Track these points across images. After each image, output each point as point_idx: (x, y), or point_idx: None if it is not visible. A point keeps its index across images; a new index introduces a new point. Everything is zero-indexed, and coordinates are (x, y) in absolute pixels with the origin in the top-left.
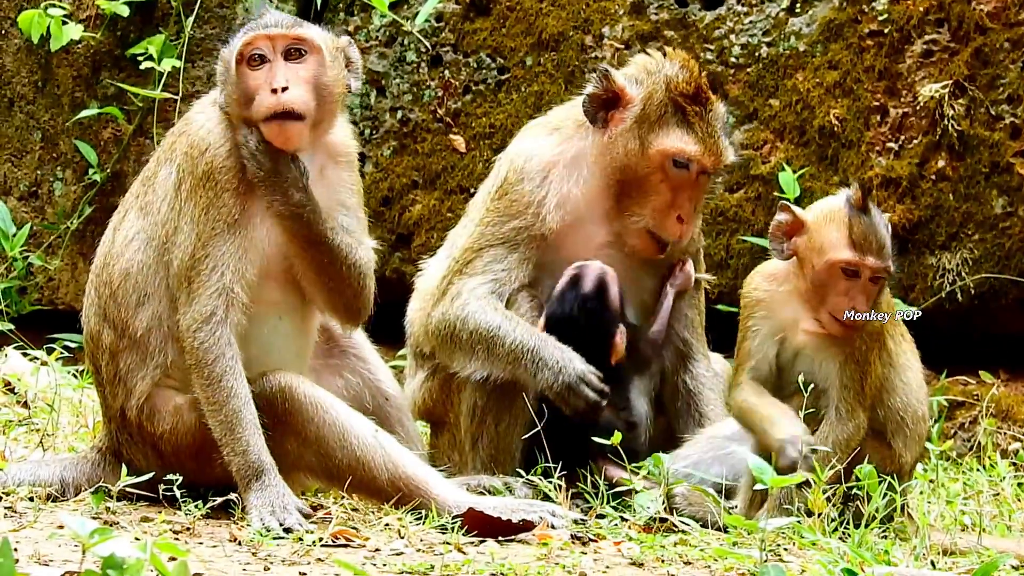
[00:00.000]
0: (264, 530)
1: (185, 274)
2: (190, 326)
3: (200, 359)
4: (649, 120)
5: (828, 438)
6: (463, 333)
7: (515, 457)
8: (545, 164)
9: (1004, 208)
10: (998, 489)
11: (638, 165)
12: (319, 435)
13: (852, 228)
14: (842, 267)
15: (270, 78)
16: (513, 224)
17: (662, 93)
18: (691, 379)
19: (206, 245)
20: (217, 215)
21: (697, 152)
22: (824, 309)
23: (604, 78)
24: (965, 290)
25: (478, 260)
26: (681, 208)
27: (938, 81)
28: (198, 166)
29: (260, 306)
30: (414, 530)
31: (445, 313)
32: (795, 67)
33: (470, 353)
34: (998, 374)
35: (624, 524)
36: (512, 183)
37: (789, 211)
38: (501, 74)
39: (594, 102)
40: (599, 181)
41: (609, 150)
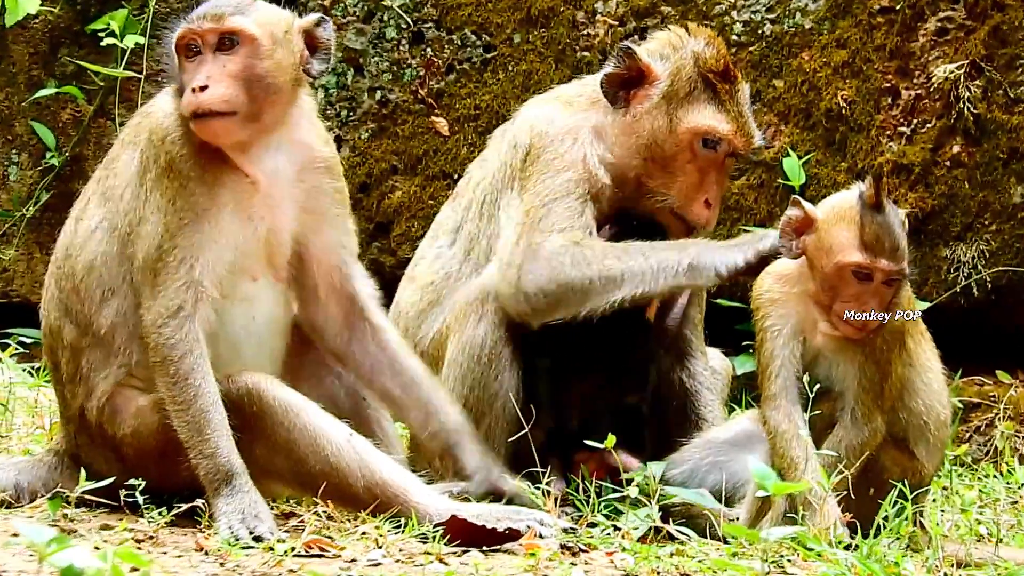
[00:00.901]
0: (233, 539)
1: (151, 266)
2: (155, 321)
3: (166, 356)
4: (678, 97)
5: (841, 443)
6: (587, 280)
7: (499, 461)
8: (569, 128)
9: (1023, 197)
10: (1016, 497)
11: (666, 143)
12: (289, 440)
13: (864, 228)
14: (852, 270)
15: (194, 75)
16: (568, 176)
17: (691, 68)
18: (688, 378)
19: (174, 236)
20: (185, 205)
21: (729, 131)
22: (834, 311)
23: (627, 56)
24: (981, 284)
25: (551, 215)
26: (708, 191)
27: (953, 61)
28: (160, 155)
29: (232, 303)
30: (392, 539)
31: (549, 271)
32: (801, 45)
33: (605, 293)
34: (1016, 374)
35: (617, 533)
36: (542, 147)
37: (800, 206)
38: (487, 52)
39: (613, 81)
40: (621, 162)
41: (633, 129)
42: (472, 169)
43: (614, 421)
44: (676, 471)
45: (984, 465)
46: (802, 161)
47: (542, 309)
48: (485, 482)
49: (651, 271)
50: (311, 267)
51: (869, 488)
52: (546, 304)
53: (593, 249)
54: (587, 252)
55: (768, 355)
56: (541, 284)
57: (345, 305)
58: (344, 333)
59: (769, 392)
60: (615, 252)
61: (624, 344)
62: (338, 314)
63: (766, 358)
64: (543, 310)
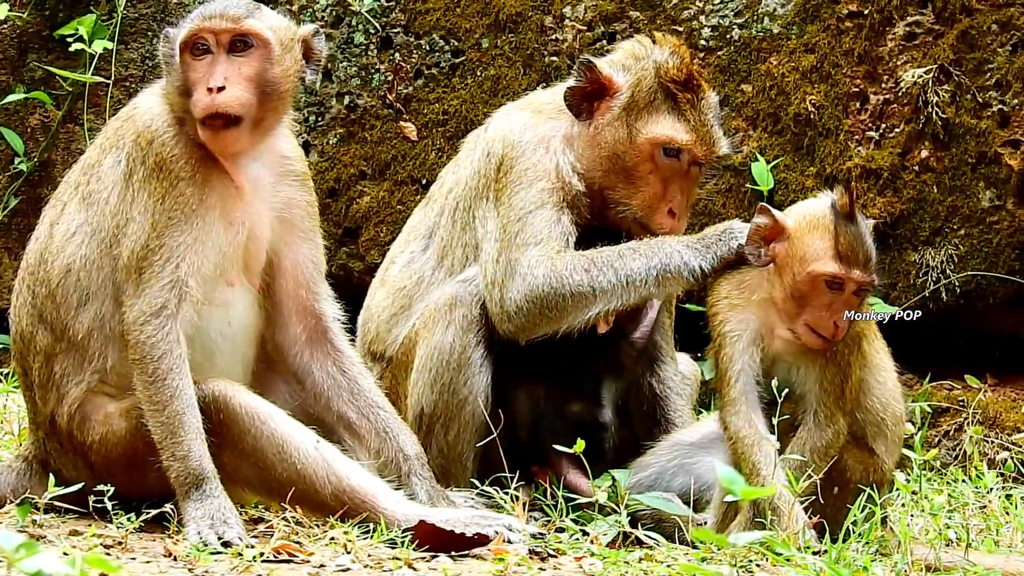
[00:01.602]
0: (201, 544)
1: (136, 265)
2: (138, 318)
3: (146, 354)
4: (638, 107)
5: (805, 445)
6: (561, 297)
7: (467, 467)
8: (541, 137)
9: (991, 201)
10: (985, 501)
11: (627, 154)
12: (256, 447)
13: (838, 238)
14: (826, 280)
15: (209, 74)
16: (541, 185)
17: (651, 79)
18: (658, 383)
19: (161, 235)
20: (174, 205)
21: (689, 140)
22: (801, 320)
23: (588, 69)
24: (950, 288)
25: (527, 228)
26: (672, 201)
27: (921, 66)
28: (148, 156)
29: (209, 308)
30: (361, 544)
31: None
32: (769, 50)
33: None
34: (985, 378)
35: (586, 538)
36: (514, 157)
37: (768, 214)
38: (455, 57)
39: (577, 94)
40: (588, 173)
41: (596, 141)
42: (445, 174)
43: (566, 432)
44: (643, 474)
45: (953, 469)
46: (770, 166)
47: (524, 326)
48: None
49: (621, 285)
50: (281, 280)
51: (834, 488)
52: (527, 322)
53: (565, 263)
54: (559, 267)
55: (727, 360)
56: (519, 302)
57: (310, 325)
58: (305, 352)
59: (729, 397)
60: (584, 266)
61: (571, 355)
62: (301, 333)
63: (725, 363)
64: (525, 327)
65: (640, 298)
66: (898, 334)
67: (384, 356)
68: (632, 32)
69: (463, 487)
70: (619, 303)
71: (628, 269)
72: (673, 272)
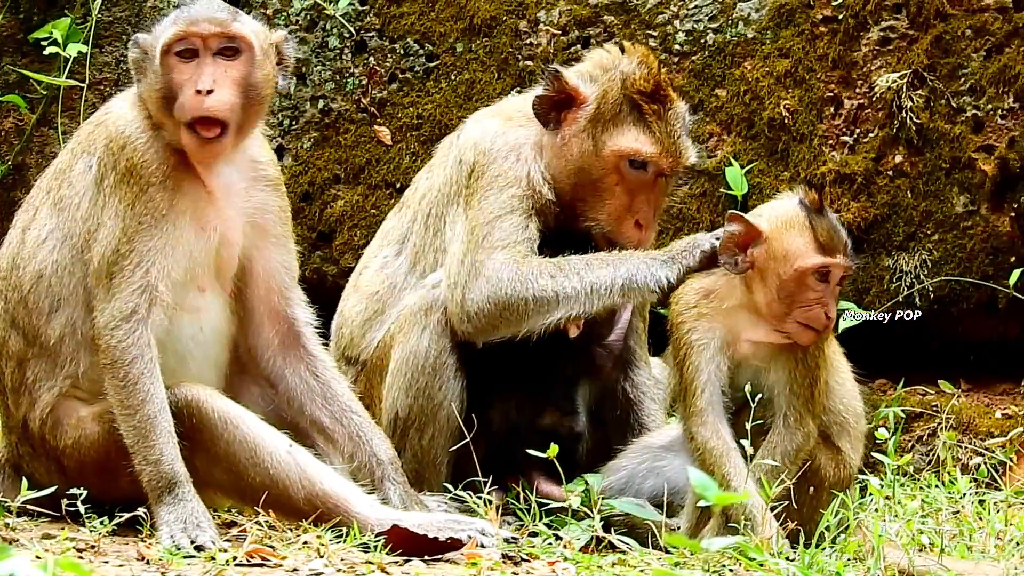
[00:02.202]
0: (174, 548)
1: (107, 269)
2: (108, 323)
3: (117, 359)
4: (603, 119)
5: (777, 448)
6: (523, 300)
7: (441, 472)
8: (512, 145)
9: (965, 206)
10: (958, 507)
11: (592, 167)
12: (229, 452)
13: (816, 231)
14: (813, 272)
15: (197, 76)
16: (511, 192)
17: (617, 91)
18: (632, 387)
19: (131, 240)
20: (144, 210)
21: (653, 152)
22: (791, 319)
23: (555, 78)
24: (924, 294)
25: (495, 232)
26: (639, 212)
27: (896, 71)
28: (120, 161)
29: (181, 313)
30: (334, 548)
31: (489, 290)
32: (743, 55)
33: (541, 314)
34: (958, 384)
35: (559, 543)
36: (485, 164)
37: (742, 221)
38: (430, 61)
39: (545, 103)
40: (557, 184)
41: (563, 152)
42: (419, 179)
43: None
44: (614, 477)
45: (926, 475)
46: (745, 171)
47: (483, 328)
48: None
49: (585, 293)
50: (253, 285)
51: (807, 489)
52: (487, 323)
53: (531, 268)
54: (524, 270)
55: (693, 370)
56: (481, 303)
57: (282, 329)
58: (278, 357)
59: (695, 407)
60: (550, 271)
61: (546, 360)
62: (274, 338)
63: (691, 372)
64: (484, 329)
65: (603, 307)
66: (871, 339)
67: (358, 360)
68: (607, 37)
69: (437, 491)
70: (582, 310)
71: (594, 277)
72: (639, 284)
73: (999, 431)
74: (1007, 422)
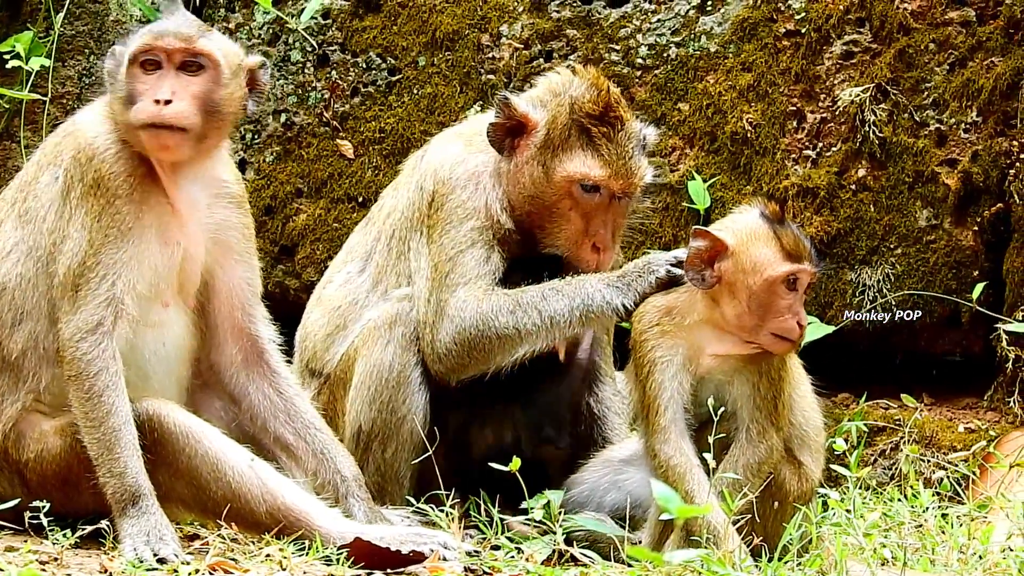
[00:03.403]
0: (137, 560)
1: (72, 282)
2: (73, 335)
3: (81, 371)
4: (553, 145)
5: (739, 462)
6: (487, 339)
7: (404, 485)
8: (471, 173)
9: (928, 220)
10: (921, 520)
11: (545, 193)
12: (191, 466)
13: (782, 240)
14: (783, 281)
15: (156, 87)
16: (471, 224)
17: (566, 115)
18: (596, 402)
19: (98, 252)
20: (111, 222)
21: (603, 175)
22: (764, 331)
23: (505, 106)
24: (886, 307)
25: (456, 269)
26: (595, 235)
27: (859, 84)
28: (87, 173)
29: (144, 328)
30: (297, 561)
31: (454, 331)
32: (706, 69)
33: (506, 351)
34: (921, 398)
35: (521, 556)
36: (444, 194)
37: (708, 236)
38: (392, 75)
39: (498, 130)
40: (514, 211)
41: (517, 179)
42: (386, 196)
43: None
44: (575, 491)
45: (889, 489)
46: (707, 184)
47: (454, 367)
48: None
49: (545, 327)
50: (216, 302)
51: (770, 503)
52: (456, 363)
53: (491, 305)
54: (485, 308)
55: (656, 387)
56: (448, 344)
57: (245, 346)
58: (241, 374)
59: (658, 425)
60: (509, 307)
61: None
62: (237, 355)
63: (654, 390)
64: (455, 368)
65: (564, 337)
66: (833, 352)
67: (322, 373)
68: (569, 51)
69: (399, 505)
70: (544, 343)
71: (552, 310)
72: (595, 311)
73: (962, 445)
74: (970, 436)
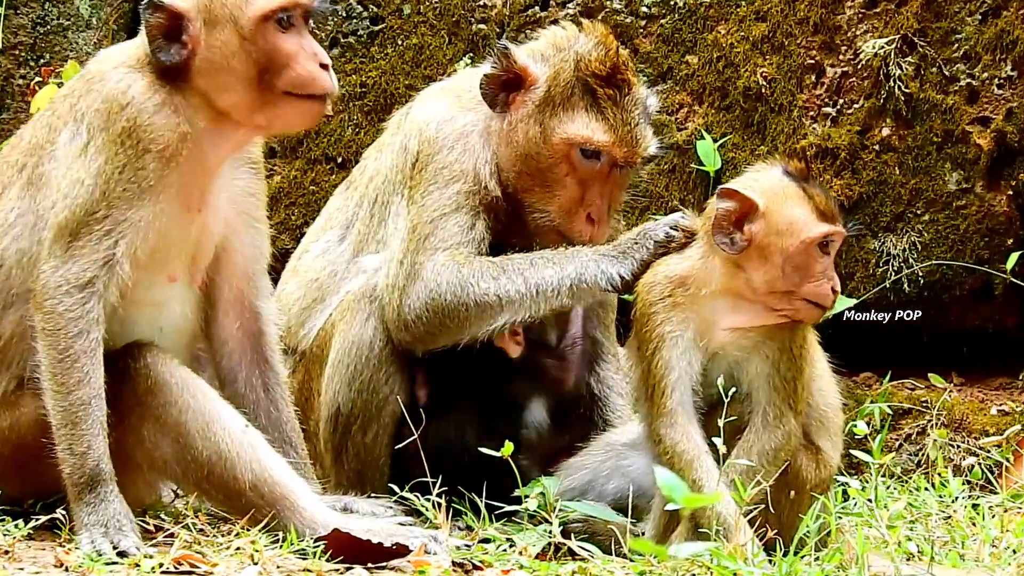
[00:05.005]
0: (95, 554)
1: (73, 228)
2: (60, 285)
3: (60, 328)
4: (554, 103)
5: (753, 448)
6: (463, 305)
7: (385, 472)
8: (459, 133)
9: (959, 184)
10: (950, 511)
11: (540, 155)
12: (180, 420)
13: (814, 199)
14: (819, 243)
15: (312, 49)
16: (456, 188)
17: (570, 72)
18: (597, 382)
19: (111, 205)
20: (132, 176)
21: (606, 141)
22: (798, 296)
23: (504, 56)
24: (913, 279)
25: (437, 232)
26: (591, 206)
27: (883, 36)
28: (115, 122)
29: (142, 308)
30: (269, 555)
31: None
32: (716, 18)
33: (483, 320)
34: (950, 378)
35: (513, 549)
36: (430, 155)
37: (737, 195)
38: (374, 24)
39: (493, 83)
40: (503, 173)
41: (510, 138)
42: (368, 158)
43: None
44: (575, 477)
45: (916, 476)
46: (717, 144)
47: (422, 336)
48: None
49: (530, 296)
50: (225, 273)
51: (786, 492)
52: (425, 331)
53: (472, 270)
54: (465, 273)
55: (663, 366)
56: (419, 310)
57: (246, 322)
58: (236, 355)
59: (665, 408)
60: (492, 273)
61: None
62: (237, 331)
63: (660, 369)
64: (423, 337)
65: (551, 309)
66: (854, 328)
67: (296, 350)
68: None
69: (380, 492)
70: (528, 314)
71: (539, 278)
72: (588, 282)
73: (994, 429)
74: (1003, 419)
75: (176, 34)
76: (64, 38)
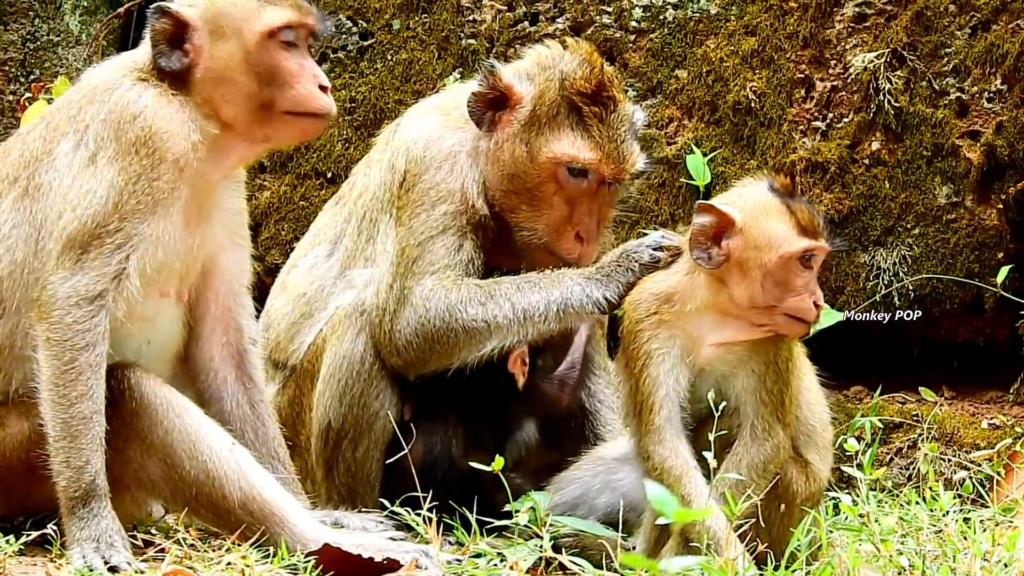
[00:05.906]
0: (87, 569)
1: (84, 240)
2: (69, 297)
3: (67, 339)
4: (539, 122)
5: (743, 461)
6: (452, 331)
7: (376, 487)
8: (447, 152)
9: (949, 198)
10: (941, 525)
11: (527, 174)
12: (166, 441)
13: (796, 214)
14: (799, 258)
15: (311, 70)
16: (444, 208)
17: (555, 91)
18: (587, 397)
19: (124, 218)
20: (147, 188)
21: (593, 159)
22: (779, 312)
23: (489, 75)
24: (903, 292)
25: (425, 255)
26: (579, 224)
27: (872, 50)
28: (127, 131)
29: (132, 323)
30: (260, 569)
31: (416, 321)
32: (706, 33)
33: (473, 345)
34: (941, 391)
35: (504, 564)
36: (417, 174)
37: (713, 211)
38: (364, 39)
39: (480, 102)
40: (490, 193)
41: (497, 157)
42: (357, 173)
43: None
44: (566, 491)
45: (906, 490)
46: (707, 159)
47: (413, 361)
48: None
49: (518, 321)
50: (210, 291)
51: (777, 507)
52: (416, 356)
53: (460, 295)
54: (453, 299)
55: (651, 383)
56: (409, 336)
57: (231, 339)
58: (220, 373)
59: (652, 424)
60: (480, 299)
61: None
62: (221, 348)
63: (647, 386)
64: (415, 362)
65: (539, 334)
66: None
67: (286, 365)
68: (557, 13)
69: (371, 507)
70: (516, 339)
71: (526, 303)
72: (574, 307)
73: (985, 443)
74: (994, 433)
75: (179, 42)
76: (54, 54)
